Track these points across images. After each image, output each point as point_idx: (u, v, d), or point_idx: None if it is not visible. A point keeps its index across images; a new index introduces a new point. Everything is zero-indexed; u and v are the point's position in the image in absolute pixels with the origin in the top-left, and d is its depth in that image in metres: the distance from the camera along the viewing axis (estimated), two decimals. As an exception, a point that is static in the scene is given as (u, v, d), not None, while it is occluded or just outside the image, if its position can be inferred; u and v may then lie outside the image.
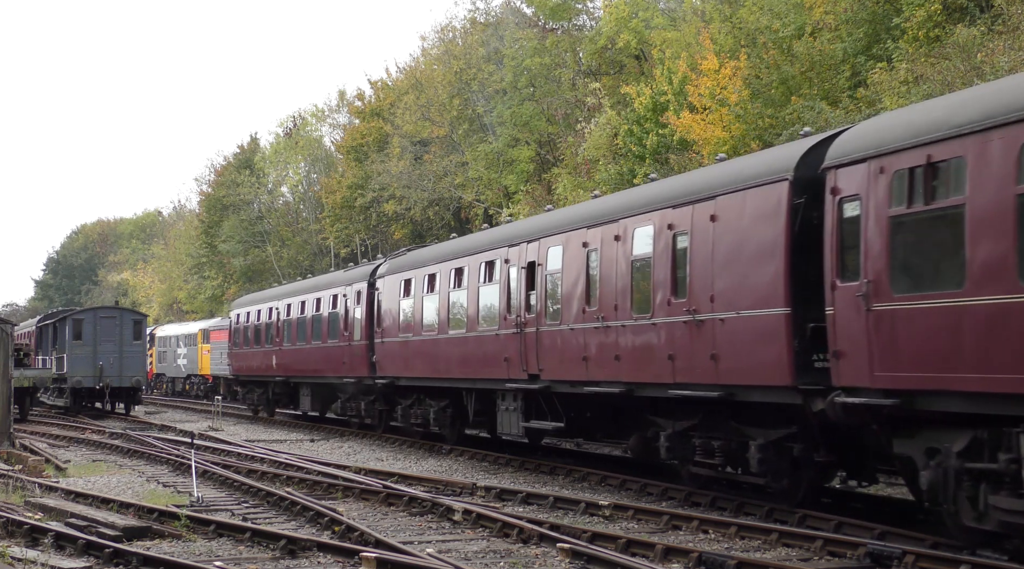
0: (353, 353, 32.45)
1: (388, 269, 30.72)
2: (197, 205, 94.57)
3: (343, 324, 33.46)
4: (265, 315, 41.95)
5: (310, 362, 36.66)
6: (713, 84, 33.27)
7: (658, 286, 17.76)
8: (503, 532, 15.09)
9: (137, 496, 19.37)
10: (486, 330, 23.99)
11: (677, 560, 13.13)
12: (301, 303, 37.95)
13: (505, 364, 22.91)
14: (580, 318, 20.00)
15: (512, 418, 23.17)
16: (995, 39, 25.08)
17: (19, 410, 39.39)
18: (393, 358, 29.48)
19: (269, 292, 45.11)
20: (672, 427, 18.18)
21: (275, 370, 40.27)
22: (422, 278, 27.73)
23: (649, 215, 18.22)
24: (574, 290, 20.35)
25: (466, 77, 56.07)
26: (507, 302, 23.03)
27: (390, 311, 29.82)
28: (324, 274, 39.69)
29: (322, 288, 36.26)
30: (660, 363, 17.60)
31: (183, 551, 14.13)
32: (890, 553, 12.56)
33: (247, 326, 44.33)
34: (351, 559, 13.21)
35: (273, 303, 41.35)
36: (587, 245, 19.99)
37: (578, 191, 40.12)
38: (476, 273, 24.71)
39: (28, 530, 15.18)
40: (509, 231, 24.46)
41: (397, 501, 18.10)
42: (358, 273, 33.46)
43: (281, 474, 21.78)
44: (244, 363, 44.73)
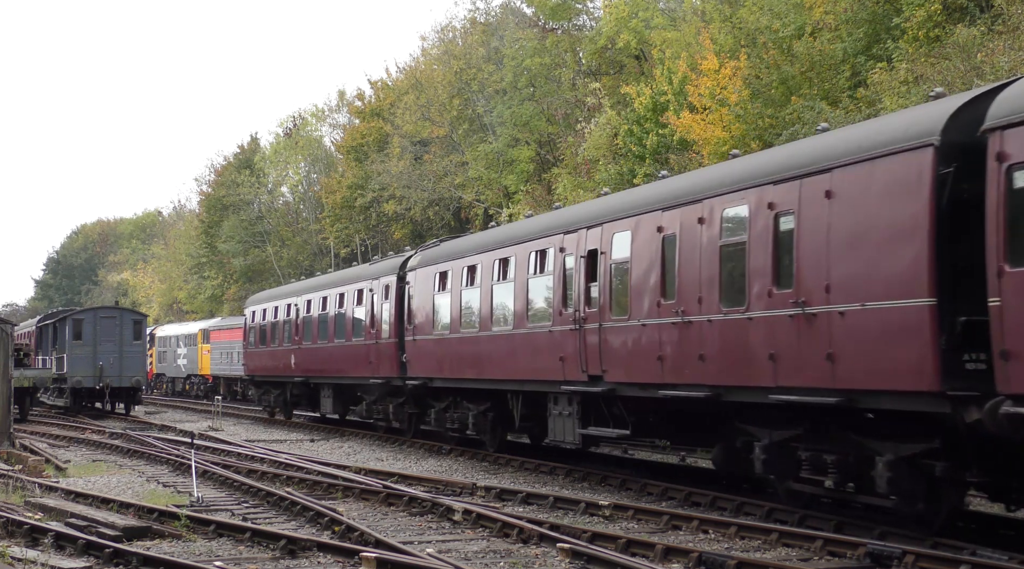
0: (380, 352, 30.28)
1: (420, 261, 28.31)
2: (197, 205, 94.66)
3: (369, 321, 31.25)
4: (283, 312, 39.69)
5: (332, 362, 34.54)
6: (713, 84, 33.28)
7: (755, 275, 15.47)
8: (503, 532, 15.08)
9: (137, 496, 19.36)
10: (537, 327, 21.81)
11: (677, 560, 13.12)
12: (322, 299, 35.64)
13: (560, 364, 20.74)
14: (654, 312, 17.73)
15: (566, 424, 21.04)
16: (995, 39, 25.08)
17: (19, 410, 39.39)
18: (426, 357, 27.33)
19: (287, 288, 42.33)
20: (769, 437, 16.02)
21: (294, 370, 38.15)
22: (460, 270, 25.49)
23: (743, 193, 15.94)
24: (646, 281, 18.10)
25: (466, 77, 56.09)
26: (562, 295, 20.83)
27: (423, 307, 27.59)
28: (348, 268, 37.29)
29: (346, 283, 33.98)
30: (757, 363, 15.40)
31: (183, 551, 14.13)
32: (890, 553, 12.55)
33: (263, 324, 42.02)
34: (351, 559, 13.21)
35: (292, 299, 38.97)
36: (663, 230, 17.68)
37: (578, 191, 40.13)
38: (525, 264, 22.42)
39: (28, 530, 15.18)
40: (565, 217, 21.96)
41: (397, 501, 18.09)
42: (386, 266, 31.10)
43: (281, 474, 21.78)
44: (259, 363, 42.44)
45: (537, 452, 25.40)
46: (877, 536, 13.80)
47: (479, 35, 57.68)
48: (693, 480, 19.57)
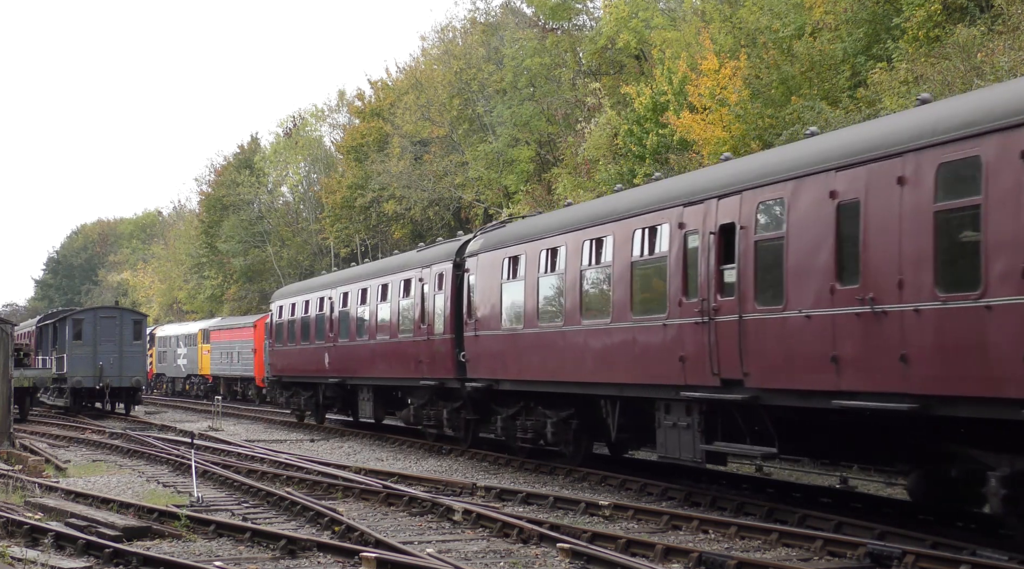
0: (433, 350, 26.94)
1: (483, 245, 24.82)
2: (197, 205, 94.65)
3: (419, 315, 27.81)
4: (315, 307, 36.30)
5: (373, 361, 31.18)
6: (713, 84, 33.28)
7: (996, 250, 11.85)
8: (503, 532, 15.08)
9: (137, 496, 19.37)
10: (645, 320, 18.15)
11: (677, 560, 13.12)
12: (361, 291, 32.23)
13: (679, 366, 17.12)
14: (824, 300, 14.18)
15: (684, 438, 17.38)
16: (995, 39, 25.08)
17: (19, 410, 39.39)
18: (491, 356, 23.90)
19: (320, 280, 38.75)
20: (1011, 466, 12.52)
21: (327, 370, 34.86)
22: (537, 254, 21.96)
23: (978, 142, 12.22)
24: (812, 261, 14.47)
25: (466, 77, 56.10)
26: (682, 281, 17.09)
27: (487, 297, 24.08)
28: (391, 256, 34.21)
29: (389, 272, 30.55)
30: (1000, 367, 11.82)
31: (183, 551, 14.13)
32: (890, 553, 12.55)
33: (292, 320, 38.65)
34: (351, 559, 13.21)
35: (325, 292, 35.56)
36: (838, 195, 14.08)
37: (578, 191, 40.13)
38: (627, 244, 18.74)
39: (28, 530, 15.18)
40: (683, 185, 18.17)
41: (397, 501, 18.09)
42: (439, 252, 27.60)
43: (281, 474, 21.78)
44: (288, 362, 39.22)
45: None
46: (877, 536, 13.80)
47: (479, 35, 57.70)
48: (693, 480, 19.56)
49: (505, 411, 24.36)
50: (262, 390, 54.13)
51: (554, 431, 22.32)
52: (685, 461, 17.67)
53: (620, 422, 20.15)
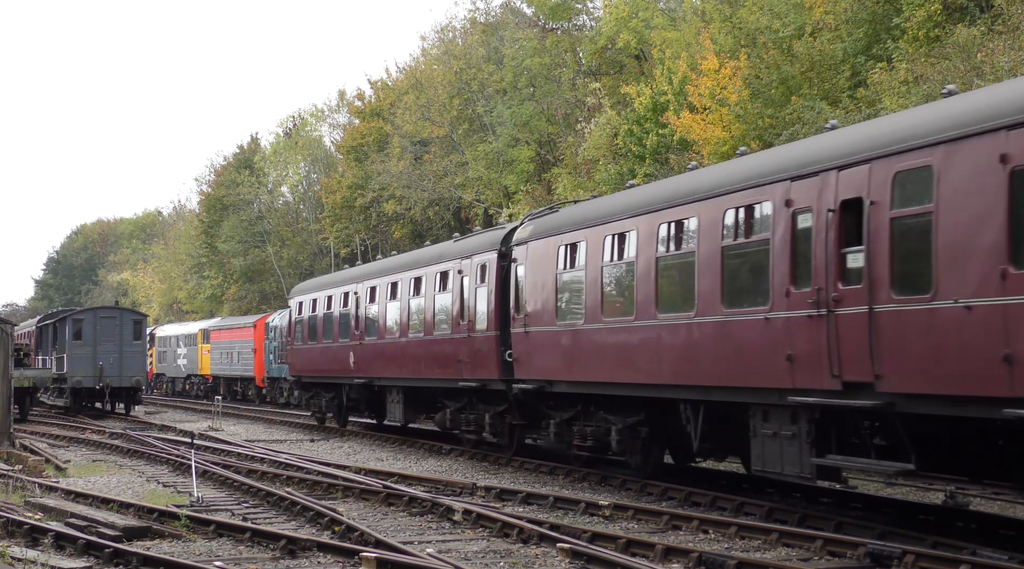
0: (474, 348, 24.61)
1: (534, 232, 22.36)
2: (197, 205, 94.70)
3: (457, 310, 25.53)
4: (338, 303, 33.84)
5: (405, 361, 28.71)
6: (713, 84, 33.30)
7: None
8: (503, 532, 15.08)
9: (137, 496, 19.37)
10: (740, 312, 15.85)
11: (677, 560, 13.12)
12: (391, 286, 29.80)
13: (786, 365, 14.80)
14: (993, 287, 11.86)
15: (788, 449, 15.04)
16: (995, 39, 25.09)
17: (19, 410, 39.39)
18: (544, 354, 21.60)
19: (344, 274, 36.36)
20: None
21: (353, 370, 32.37)
22: (600, 241, 19.58)
23: None
24: (973, 240, 12.16)
25: (466, 77, 56.12)
26: (790, 267, 14.79)
27: (540, 290, 21.72)
28: (424, 247, 32.22)
29: (423, 264, 28.13)
30: None
31: (183, 551, 14.13)
32: (890, 553, 12.55)
33: (313, 317, 36.19)
34: (351, 559, 13.21)
35: (350, 287, 33.09)
36: (1011, 159, 11.72)
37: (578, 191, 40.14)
38: (715, 227, 16.45)
39: (28, 530, 15.18)
40: (790, 156, 15.76)
41: (397, 501, 18.09)
42: (482, 241, 25.25)
43: (281, 474, 21.78)
44: (308, 362, 36.82)
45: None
46: (877, 536, 13.80)
47: (479, 35, 57.72)
48: (693, 480, 19.55)
49: (558, 415, 21.92)
50: (262, 390, 54.17)
51: (620, 439, 19.89)
52: (789, 477, 15.31)
53: (703, 430, 17.54)
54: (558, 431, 22.04)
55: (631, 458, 19.98)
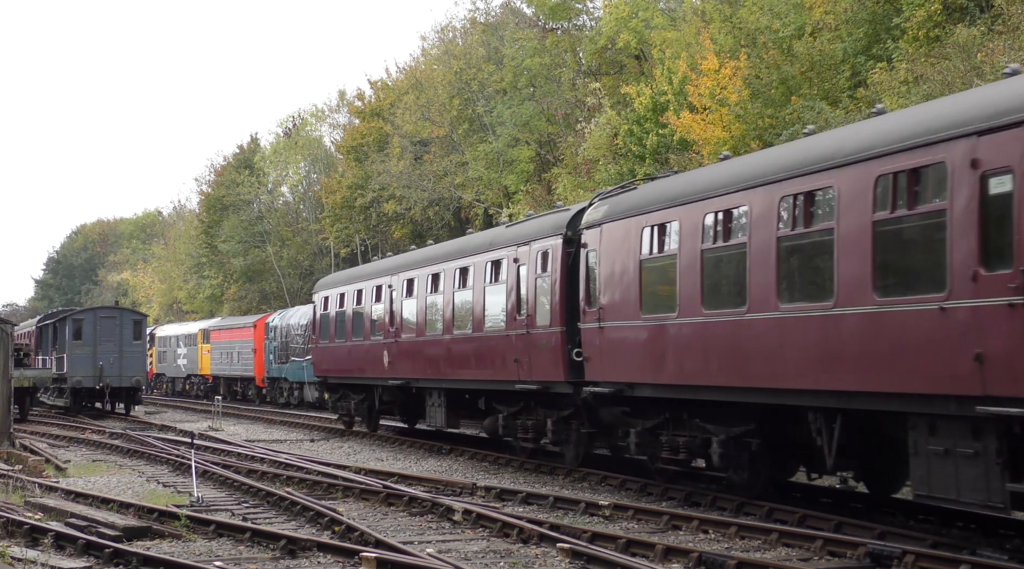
0: (535, 346, 21.86)
1: (609, 213, 19.52)
2: (197, 205, 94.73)
3: (513, 303, 22.79)
4: (370, 297, 31.12)
5: (448, 360, 26.15)
6: (713, 84, 33.31)
7: None
8: (503, 532, 15.08)
9: (137, 496, 19.37)
10: (903, 300, 12.93)
11: (677, 560, 13.12)
12: (431, 277, 27.11)
13: (973, 367, 11.88)
14: None
15: (967, 472, 12.29)
16: (995, 39, 25.10)
17: (19, 410, 39.39)
18: (624, 353, 18.83)
19: (376, 265, 33.56)
20: None
21: (387, 371, 29.66)
22: (699, 220, 16.69)
23: None
24: None
25: (466, 77, 56.14)
26: (977, 243, 11.87)
27: (618, 278, 18.93)
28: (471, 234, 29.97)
29: (470, 253, 25.46)
30: None
31: (183, 551, 14.13)
32: (890, 553, 12.54)
33: (341, 313, 33.51)
34: (351, 559, 13.21)
35: (384, 280, 30.29)
36: None
37: (578, 191, 40.16)
38: (863, 196, 13.55)
39: (28, 530, 15.18)
40: (975, 104, 12.59)
41: (397, 501, 18.09)
42: (543, 225, 22.41)
43: (281, 474, 21.77)
44: (335, 362, 34.24)
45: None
46: (877, 536, 13.80)
47: (479, 35, 57.75)
48: (693, 480, 19.55)
49: (640, 423, 19.09)
50: (262, 390, 54.19)
51: (723, 452, 17.02)
52: (971, 504, 12.51)
53: (840, 443, 14.83)
54: (641, 441, 19.14)
55: (735, 474, 17.14)
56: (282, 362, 50.43)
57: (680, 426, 18.20)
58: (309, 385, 47.98)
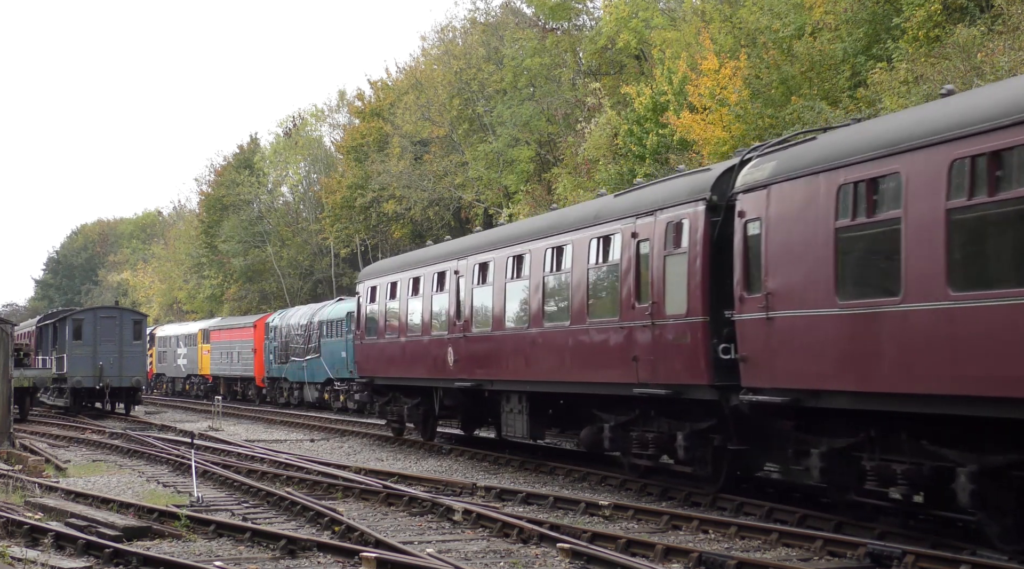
0: (663, 340, 17.57)
1: (780, 170, 15.35)
2: (197, 205, 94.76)
3: (632, 288, 18.35)
4: (430, 285, 26.96)
5: (536, 358, 21.91)
6: (713, 84, 33.31)
7: None
8: (503, 532, 15.08)
9: (137, 496, 19.37)
10: None
11: (677, 560, 13.12)
12: (513, 260, 22.84)
13: None
14: None
15: None
16: (995, 39, 25.10)
17: (19, 410, 39.39)
18: (805, 349, 14.66)
19: (439, 249, 28.40)
20: None
21: (452, 371, 25.54)
22: (941, 168, 12.27)
23: None
24: None
25: (466, 77, 56.15)
26: None
27: (797, 254, 14.75)
28: (556, 209, 25.69)
29: (567, 229, 21.02)
30: None
31: (183, 551, 14.13)
32: (890, 553, 12.55)
33: (392, 304, 29.38)
34: (351, 559, 13.21)
35: (448, 264, 26.19)
36: None
37: (578, 191, 40.16)
38: None
39: (28, 530, 15.18)
40: None
41: (397, 501, 18.09)
42: (675, 190, 18.00)
43: (281, 474, 21.78)
44: (385, 361, 30.07)
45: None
46: (877, 536, 13.80)
47: (479, 35, 57.76)
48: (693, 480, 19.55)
49: (826, 443, 14.78)
50: (262, 390, 54.20)
51: (975, 488, 12.35)
52: None
53: None
54: (827, 466, 14.79)
55: (995, 521, 12.54)
56: (282, 362, 50.46)
57: (892, 448, 13.80)
58: (309, 385, 48.04)
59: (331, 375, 45.30)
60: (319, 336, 46.35)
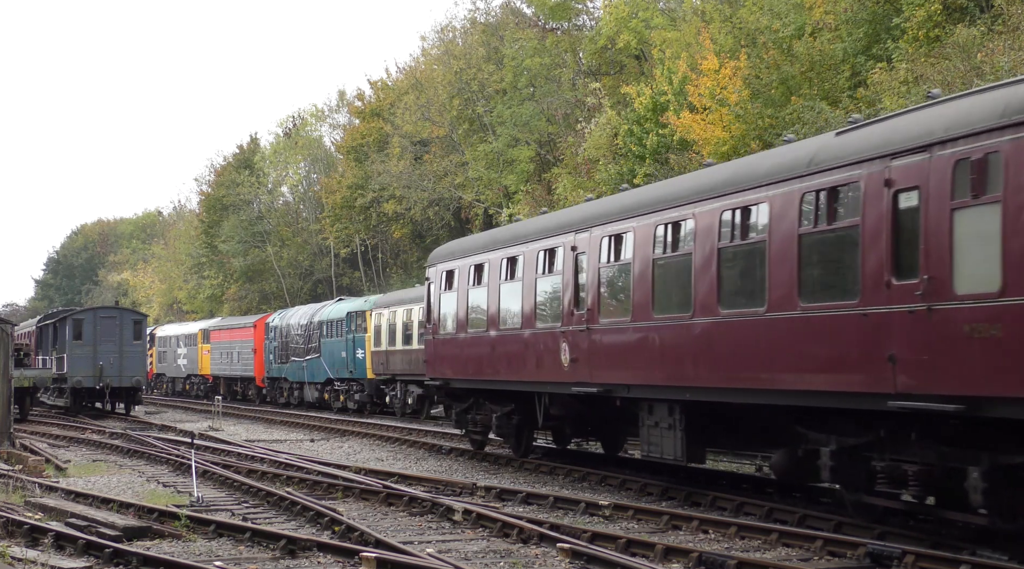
0: (946, 333, 12.34)
1: None
2: (197, 205, 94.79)
3: (881, 257, 13.24)
4: (533, 266, 21.61)
5: (702, 354, 16.70)
6: (713, 84, 33.33)
7: None
8: (503, 532, 15.08)
9: (137, 496, 19.36)
10: None
11: (677, 560, 13.12)
12: (667, 228, 17.59)
13: None
14: None
15: None
16: (995, 39, 25.11)
17: (19, 410, 39.38)
18: None
19: (545, 221, 22.77)
20: None
21: (566, 371, 20.30)
22: None
23: None
24: None
25: (466, 77, 56.18)
26: None
27: None
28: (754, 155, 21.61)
29: (758, 184, 15.67)
30: None
31: (183, 551, 14.13)
32: (890, 553, 12.54)
33: (478, 291, 24.05)
34: (351, 559, 13.21)
35: (561, 239, 20.71)
36: None
37: (578, 191, 40.17)
38: None
39: (28, 530, 15.17)
40: None
41: (397, 501, 18.09)
42: (968, 110, 12.45)
43: (281, 474, 21.77)
44: (466, 359, 24.83)
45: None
46: (877, 536, 13.79)
47: (479, 35, 57.78)
48: (693, 480, 19.54)
49: None
50: (262, 390, 54.20)
51: None
52: None
53: None
54: None
55: None
56: (282, 362, 50.47)
57: None
58: (309, 385, 48.06)
59: (331, 375, 45.33)
60: (319, 336, 46.37)
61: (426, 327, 27.33)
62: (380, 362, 41.30)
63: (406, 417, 39.48)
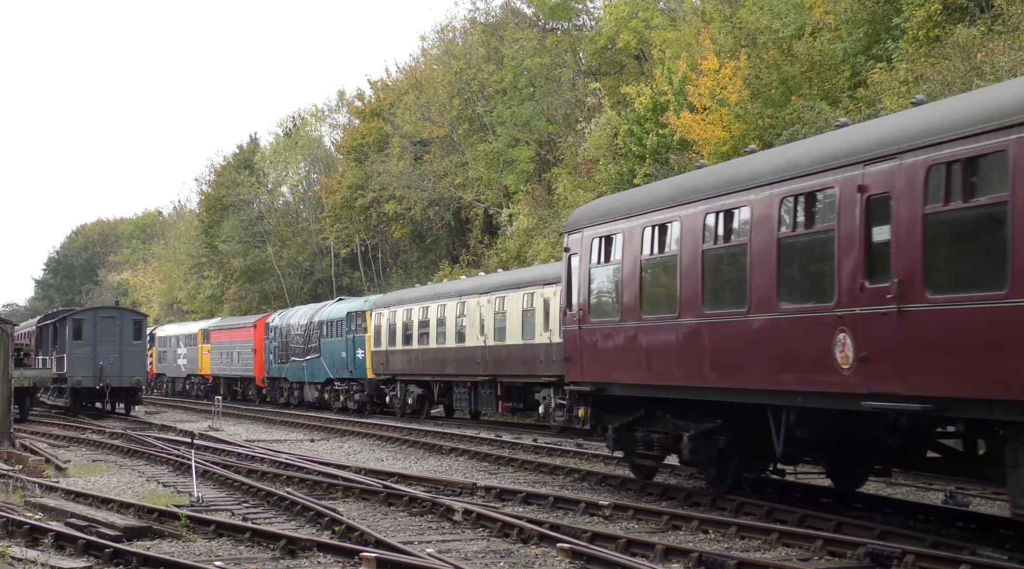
0: None
1: None
2: (197, 205, 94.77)
3: None
4: (766, 222, 14.81)
5: None
6: (713, 84, 33.33)
7: None
8: (503, 532, 15.07)
9: (137, 496, 19.36)
10: None
11: (677, 560, 13.12)
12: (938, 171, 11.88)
13: None
14: None
15: None
16: (995, 39, 25.11)
17: (19, 410, 39.38)
18: None
19: (780, 155, 15.75)
20: None
21: (846, 378, 13.46)
22: None
23: None
24: None
25: (466, 77, 56.18)
26: None
27: None
28: None
29: None
30: None
31: (183, 551, 14.13)
32: (890, 553, 12.54)
33: (651, 264, 17.72)
34: (351, 559, 13.20)
35: (812, 180, 14.03)
36: None
37: (578, 191, 40.17)
38: None
39: (28, 530, 15.17)
40: None
41: (397, 501, 18.08)
42: None
43: (281, 474, 21.76)
44: (631, 356, 18.34)
45: None
46: (877, 536, 13.80)
47: (479, 35, 57.78)
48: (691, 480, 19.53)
49: None
50: (262, 390, 54.18)
51: None
52: None
53: None
54: None
55: None
56: (282, 362, 50.46)
57: None
58: (309, 385, 48.05)
59: (331, 375, 45.33)
60: (319, 336, 46.37)
61: (566, 313, 20.68)
62: (380, 362, 41.39)
63: (406, 417, 39.52)
